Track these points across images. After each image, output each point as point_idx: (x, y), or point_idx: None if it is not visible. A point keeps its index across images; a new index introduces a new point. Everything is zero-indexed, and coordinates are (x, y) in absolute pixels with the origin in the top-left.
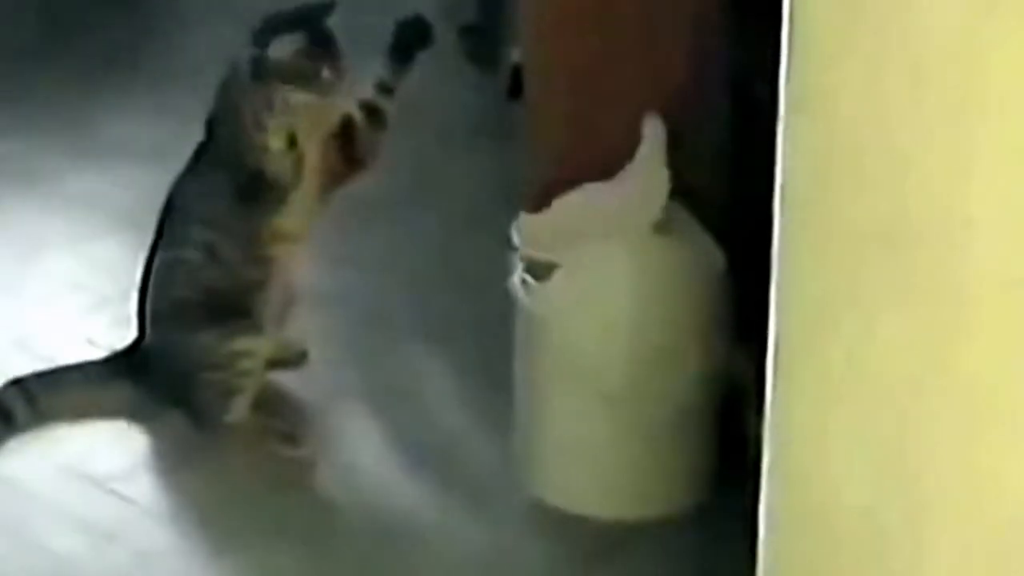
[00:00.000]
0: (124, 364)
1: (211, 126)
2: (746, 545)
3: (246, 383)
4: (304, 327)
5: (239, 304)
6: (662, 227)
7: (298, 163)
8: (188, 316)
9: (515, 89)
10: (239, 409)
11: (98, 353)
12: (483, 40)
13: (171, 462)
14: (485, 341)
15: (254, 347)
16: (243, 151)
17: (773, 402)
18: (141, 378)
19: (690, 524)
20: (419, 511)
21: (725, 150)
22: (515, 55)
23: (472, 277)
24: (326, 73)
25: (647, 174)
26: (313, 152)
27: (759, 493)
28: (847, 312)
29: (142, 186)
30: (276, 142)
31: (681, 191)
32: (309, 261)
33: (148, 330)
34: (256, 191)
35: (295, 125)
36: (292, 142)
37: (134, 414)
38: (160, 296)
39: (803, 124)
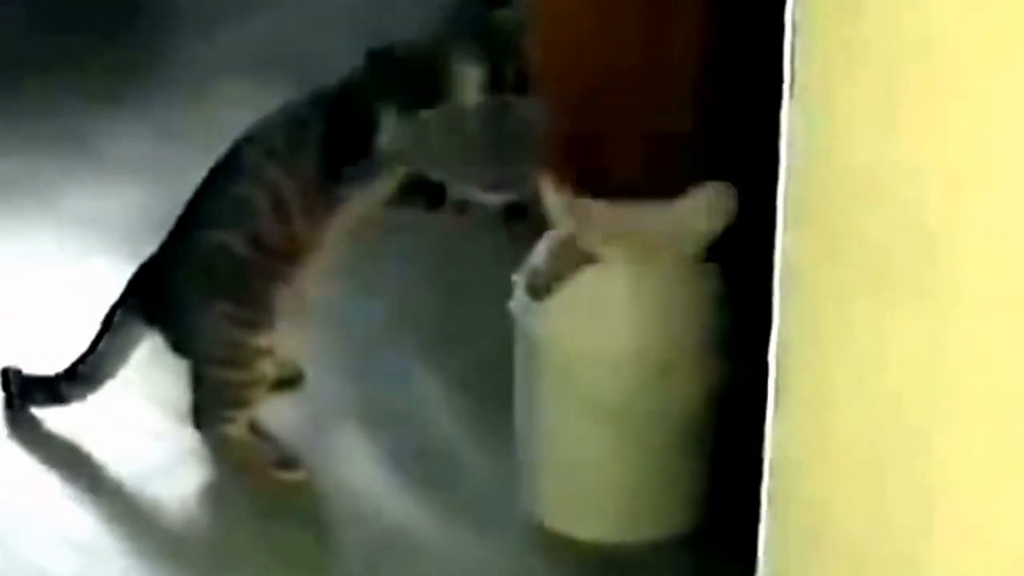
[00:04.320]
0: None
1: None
2: (746, 569)
3: (256, 394)
4: (301, 347)
5: (259, 292)
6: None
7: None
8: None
9: None
10: (241, 424)
11: None
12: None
13: (164, 484)
14: (485, 360)
15: (271, 345)
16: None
17: (774, 424)
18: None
19: (689, 547)
20: (417, 533)
21: (728, 160)
22: None
23: (471, 297)
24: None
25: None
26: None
27: (759, 516)
28: (851, 334)
29: (141, 205)
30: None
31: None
32: (325, 277)
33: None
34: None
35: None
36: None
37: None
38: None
39: (808, 136)
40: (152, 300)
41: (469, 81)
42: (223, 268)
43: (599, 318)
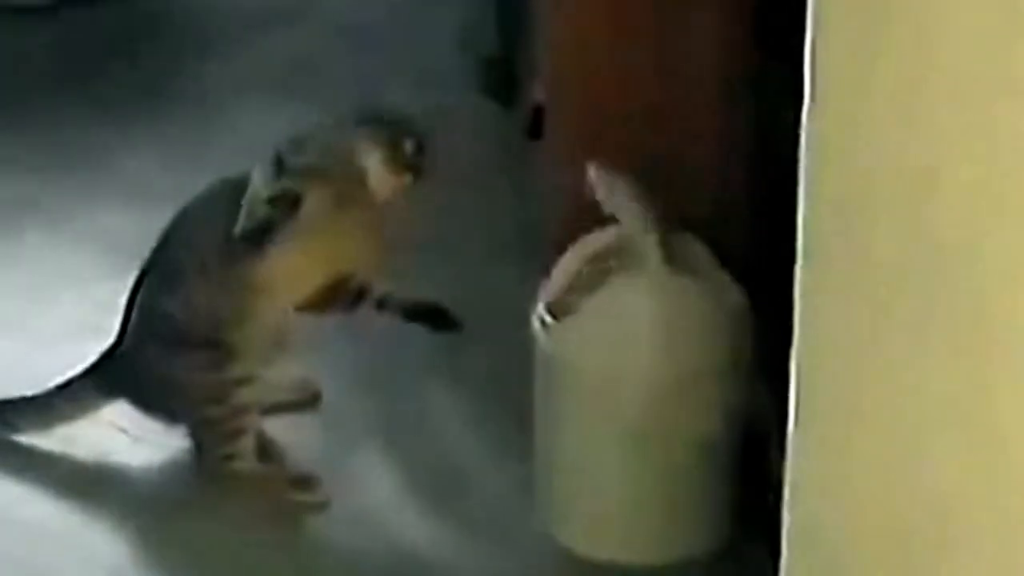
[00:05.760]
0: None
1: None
2: None
3: (247, 421)
4: (315, 366)
5: (211, 337)
6: (680, 264)
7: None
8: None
9: (535, 127)
10: (246, 454)
11: None
12: (504, 75)
13: (179, 508)
14: (503, 379)
15: (246, 374)
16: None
17: (794, 445)
18: (126, 389)
19: (711, 569)
20: (434, 553)
21: (745, 186)
22: (537, 92)
23: (490, 314)
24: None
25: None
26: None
27: (779, 538)
28: (871, 354)
29: (156, 226)
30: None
31: (701, 228)
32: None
33: (129, 337)
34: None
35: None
36: (294, 203)
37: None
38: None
39: (824, 163)
40: (132, 395)
41: (372, 160)
42: (169, 330)
43: (618, 337)
